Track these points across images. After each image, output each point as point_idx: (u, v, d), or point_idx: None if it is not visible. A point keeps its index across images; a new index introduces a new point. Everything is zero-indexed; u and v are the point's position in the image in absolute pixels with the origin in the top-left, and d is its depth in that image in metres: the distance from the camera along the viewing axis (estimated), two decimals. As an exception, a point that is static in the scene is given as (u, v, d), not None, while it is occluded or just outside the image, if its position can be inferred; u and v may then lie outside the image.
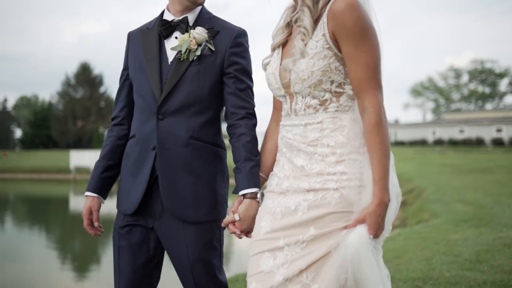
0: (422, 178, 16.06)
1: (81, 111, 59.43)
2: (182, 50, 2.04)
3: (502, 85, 71.95)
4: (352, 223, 1.66)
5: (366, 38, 1.70)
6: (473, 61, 72.51)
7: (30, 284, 8.07)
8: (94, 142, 47.64)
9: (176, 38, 2.11)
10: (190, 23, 2.11)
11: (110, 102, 58.54)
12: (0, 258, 10.09)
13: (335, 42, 1.73)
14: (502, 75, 70.26)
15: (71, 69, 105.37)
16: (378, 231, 1.65)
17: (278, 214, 1.78)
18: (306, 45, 1.75)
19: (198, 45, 2.04)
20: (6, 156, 45.51)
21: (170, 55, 2.10)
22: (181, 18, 2.12)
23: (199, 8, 2.16)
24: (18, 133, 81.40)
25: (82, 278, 8.73)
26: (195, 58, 2.05)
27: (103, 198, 2.23)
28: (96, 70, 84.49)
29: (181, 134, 2.04)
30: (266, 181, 1.98)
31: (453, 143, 49.42)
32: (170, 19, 2.13)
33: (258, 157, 2.02)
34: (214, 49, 2.06)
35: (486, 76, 71.33)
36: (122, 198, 2.15)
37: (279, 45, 1.92)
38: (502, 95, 72.60)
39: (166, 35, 2.12)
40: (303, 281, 1.68)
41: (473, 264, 4.57)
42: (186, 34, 2.06)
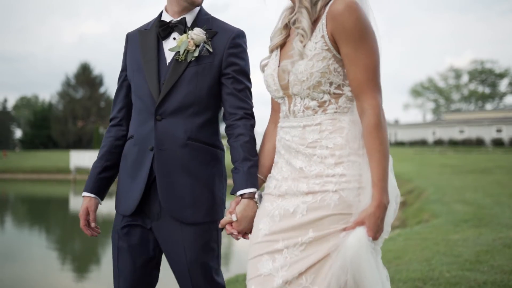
0: (422, 178, 16.07)
1: (81, 111, 59.44)
2: (180, 51, 2.04)
3: (502, 85, 72.10)
4: (351, 225, 1.65)
5: (366, 40, 1.69)
6: (473, 61, 72.68)
7: (30, 284, 8.06)
8: (94, 142, 47.60)
9: (174, 39, 2.10)
10: (188, 24, 2.11)
11: (110, 103, 58.17)
12: (0, 258, 10.09)
13: (334, 43, 1.73)
14: (502, 76, 70.30)
15: (71, 69, 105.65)
16: (377, 233, 1.65)
17: (277, 217, 1.77)
18: (304, 46, 1.75)
19: (196, 46, 2.04)
20: (6, 156, 45.50)
21: (168, 56, 2.09)
22: (179, 19, 2.11)
23: (197, 9, 2.15)
24: (18, 133, 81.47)
25: (82, 279, 8.72)
26: (193, 59, 2.04)
27: (101, 198, 2.23)
28: (96, 70, 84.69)
29: (179, 135, 2.04)
30: (264, 182, 1.97)
31: (453, 144, 49.45)
32: (168, 20, 2.13)
33: (256, 157, 2.01)
34: (212, 50, 2.06)
35: (486, 76, 71.35)
36: (121, 199, 2.14)
37: (277, 46, 1.91)
38: (502, 96, 72.65)
39: (164, 36, 2.12)
40: (303, 284, 1.67)
41: (473, 264, 4.56)
42: (184, 35, 2.06)
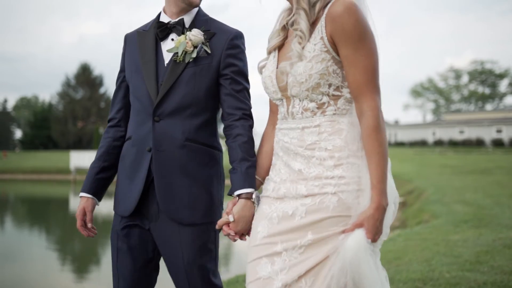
0: (422, 179, 16.08)
1: (81, 112, 59.49)
2: (178, 52, 2.03)
3: (502, 85, 72.12)
4: (350, 227, 1.65)
5: (365, 42, 1.68)
6: (473, 61, 72.73)
7: (30, 284, 8.05)
8: (94, 142, 47.63)
9: (172, 40, 2.10)
10: (187, 25, 2.10)
11: (110, 103, 58.51)
12: (0, 258, 10.08)
13: (333, 45, 1.72)
14: (502, 76, 70.32)
15: (71, 69, 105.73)
16: (376, 235, 1.64)
17: (275, 219, 1.76)
18: (303, 48, 1.74)
19: (194, 47, 2.04)
20: (6, 156, 45.53)
21: (167, 57, 2.09)
22: (177, 20, 2.11)
23: (196, 10, 2.15)
24: (18, 133, 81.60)
25: (81, 279, 8.71)
26: (191, 60, 2.04)
27: (98, 199, 2.22)
28: (96, 70, 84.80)
29: (177, 136, 2.03)
30: (262, 184, 1.96)
31: (453, 144, 49.46)
32: (166, 21, 2.12)
33: (254, 158, 2.00)
34: (210, 51, 2.05)
35: (486, 76, 71.37)
36: (119, 200, 2.14)
37: (275, 48, 1.90)
38: (502, 96, 72.66)
39: (163, 37, 2.11)
40: (303, 287, 1.66)
41: (473, 265, 4.56)
42: (182, 36, 2.05)
